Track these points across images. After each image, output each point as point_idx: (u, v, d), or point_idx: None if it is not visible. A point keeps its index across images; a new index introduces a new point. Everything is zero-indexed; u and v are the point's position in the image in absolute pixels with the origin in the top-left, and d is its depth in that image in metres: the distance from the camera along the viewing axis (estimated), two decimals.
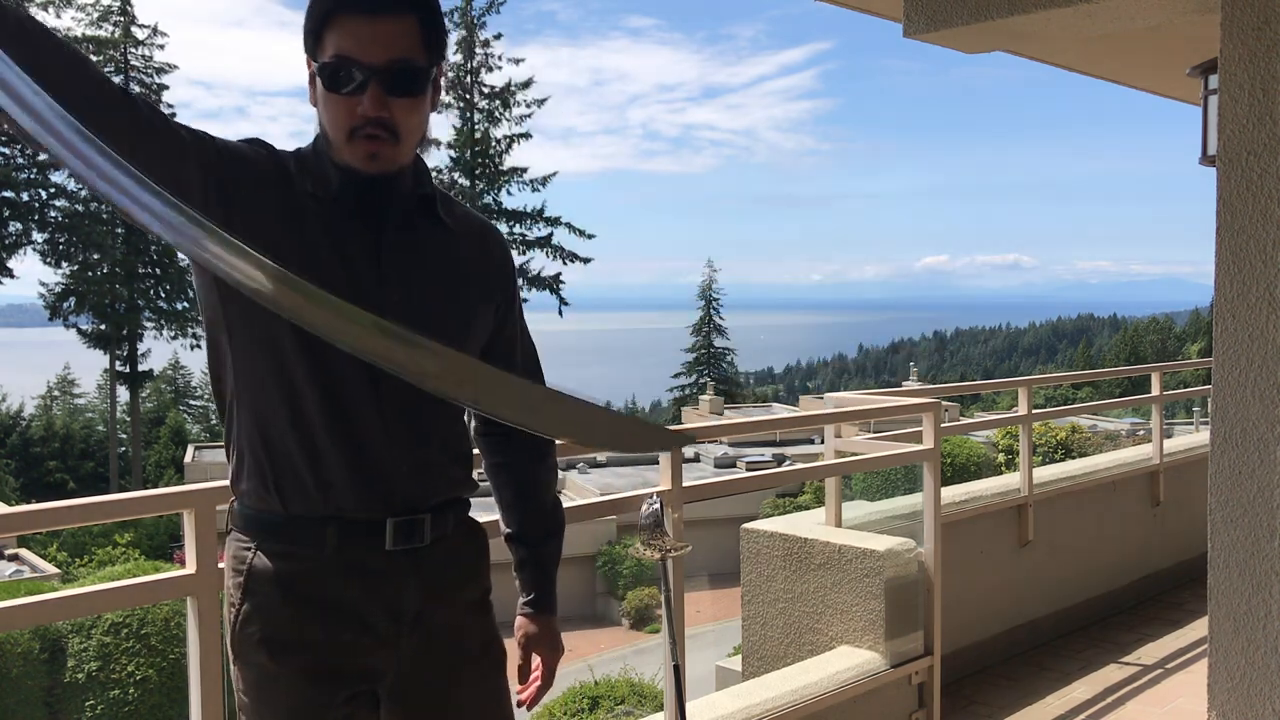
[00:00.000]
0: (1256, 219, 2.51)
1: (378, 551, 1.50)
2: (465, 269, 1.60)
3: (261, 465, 1.49)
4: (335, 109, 1.45)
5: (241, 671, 1.52)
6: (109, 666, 9.97)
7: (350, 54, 1.42)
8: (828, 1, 3.34)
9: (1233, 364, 2.56)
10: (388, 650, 1.52)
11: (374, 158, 1.46)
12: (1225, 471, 2.59)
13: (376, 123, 1.43)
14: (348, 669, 1.51)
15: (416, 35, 1.45)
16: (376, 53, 1.42)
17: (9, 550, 17.39)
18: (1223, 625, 2.61)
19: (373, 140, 1.45)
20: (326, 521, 1.49)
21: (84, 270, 34.69)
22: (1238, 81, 2.53)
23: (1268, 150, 2.49)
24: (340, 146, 1.47)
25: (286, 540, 1.50)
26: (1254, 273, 2.52)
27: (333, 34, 1.43)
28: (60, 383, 49.35)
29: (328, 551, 1.49)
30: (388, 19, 1.43)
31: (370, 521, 1.50)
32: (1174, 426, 21.93)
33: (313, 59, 1.47)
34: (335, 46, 1.43)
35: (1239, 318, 2.55)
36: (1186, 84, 3.68)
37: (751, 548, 4.16)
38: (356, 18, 1.42)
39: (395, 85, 1.44)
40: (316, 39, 1.45)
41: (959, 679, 4.42)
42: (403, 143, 1.47)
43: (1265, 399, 2.52)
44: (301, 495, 1.48)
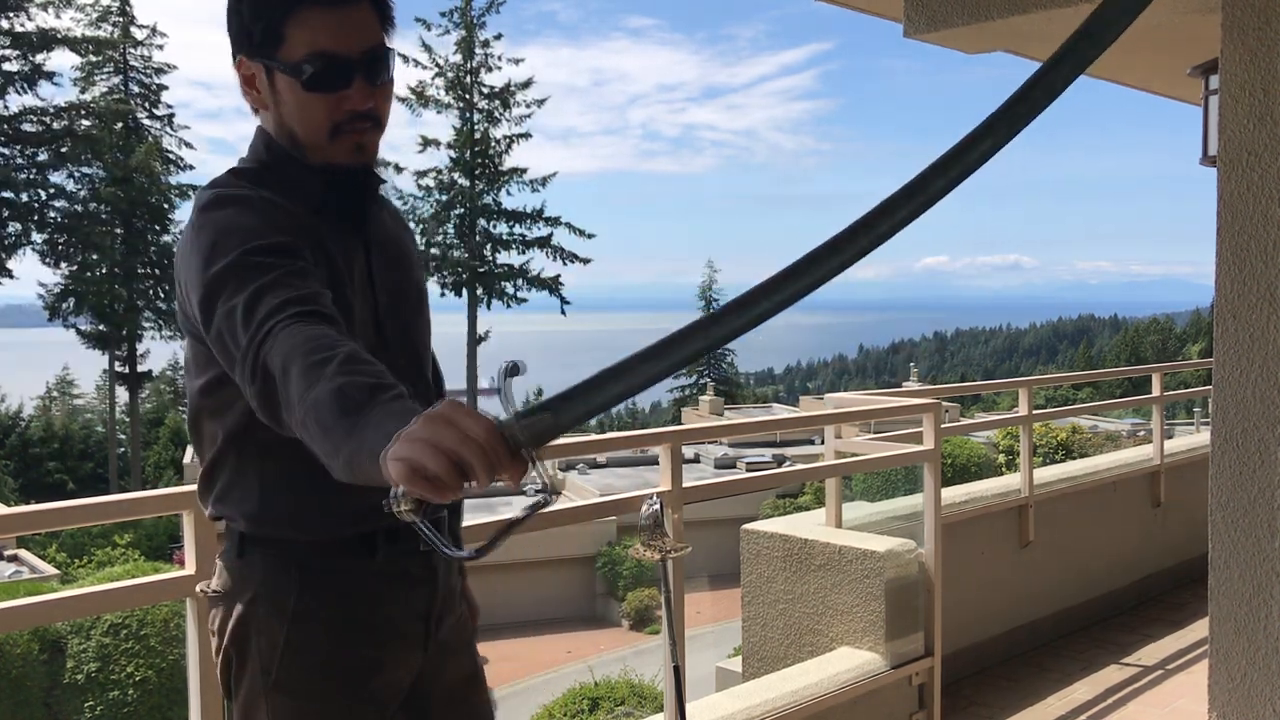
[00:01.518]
0: (1257, 219, 2.51)
1: (414, 555, 1.45)
2: (410, 246, 1.59)
3: (296, 495, 1.38)
4: (316, 108, 1.37)
5: (285, 705, 1.39)
6: (108, 667, 9.95)
7: (328, 48, 1.34)
8: (828, 2, 3.34)
9: (1233, 364, 2.56)
10: (420, 654, 1.49)
11: (360, 149, 1.41)
12: (1226, 472, 2.58)
13: (365, 114, 1.38)
14: (398, 682, 1.46)
15: (375, 15, 1.39)
16: (352, 43, 1.35)
17: (8, 551, 17.39)
18: (1223, 626, 2.61)
19: (359, 133, 1.39)
20: (375, 535, 1.42)
21: (83, 271, 34.65)
22: (1238, 81, 2.52)
23: (1268, 150, 2.48)
24: (321, 146, 1.39)
25: (335, 556, 1.41)
26: (1254, 273, 2.52)
27: (299, 29, 1.34)
28: (59, 383, 49.37)
29: (378, 560, 1.41)
30: (350, 5, 1.36)
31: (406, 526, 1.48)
32: (1175, 427, 21.93)
33: (267, 58, 1.37)
34: (308, 43, 1.34)
35: (1239, 318, 2.55)
36: (1186, 84, 3.68)
37: (752, 548, 4.16)
38: (323, 9, 1.34)
39: (376, 73, 1.39)
40: (275, 36, 1.35)
41: (959, 680, 4.42)
42: (383, 129, 1.43)
43: (1266, 399, 2.52)
44: (342, 517, 1.39)
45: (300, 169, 1.41)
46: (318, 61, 1.34)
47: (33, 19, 32.58)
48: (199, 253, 1.29)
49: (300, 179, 1.41)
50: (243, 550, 1.43)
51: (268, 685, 1.40)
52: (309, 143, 1.40)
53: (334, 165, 1.41)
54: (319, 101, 1.36)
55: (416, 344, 1.55)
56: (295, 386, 1.09)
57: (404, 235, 1.60)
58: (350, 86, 1.36)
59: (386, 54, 1.40)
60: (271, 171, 1.42)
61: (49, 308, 34.43)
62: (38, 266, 34.86)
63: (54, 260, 34.31)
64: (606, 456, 24.69)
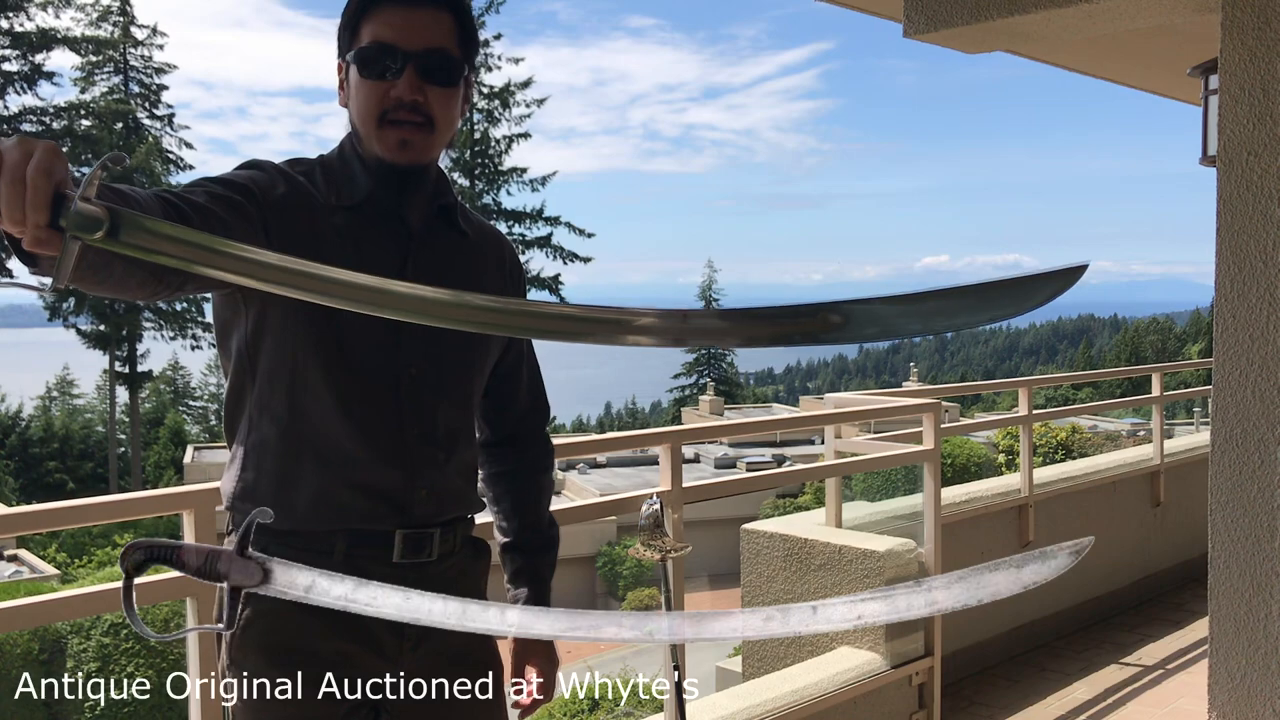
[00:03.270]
0: (1257, 219, 2.51)
1: (385, 564, 1.47)
2: (483, 279, 1.60)
3: (277, 481, 1.46)
4: (367, 94, 1.44)
5: (237, 683, 1.47)
6: (108, 667, 9.96)
7: (386, 39, 1.43)
8: (828, 2, 3.34)
9: (1233, 364, 2.56)
10: (391, 666, 1.50)
11: (405, 145, 1.45)
12: (1226, 472, 2.58)
13: (412, 107, 1.43)
14: (349, 682, 1.47)
15: (453, 29, 1.47)
16: (414, 39, 1.43)
17: (8, 551, 17.39)
18: (1223, 626, 2.61)
19: (404, 126, 1.44)
20: (335, 534, 1.46)
21: None
22: (1238, 81, 2.53)
23: (1268, 150, 2.49)
24: (370, 136, 1.46)
25: (295, 548, 1.45)
26: (1254, 273, 2.52)
27: (369, 24, 1.44)
28: (59, 383, 49.34)
29: (335, 559, 1.45)
30: (426, 9, 1.45)
31: (380, 533, 1.48)
32: (1174, 427, 21.93)
33: (346, 53, 1.47)
34: (372, 35, 1.44)
35: (1239, 318, 2.55)
36: (1186, 84, 3.68)
37: (752, 548, 4.16)
38: (395, 7, 1.44)
39: (432, 72, 1.44)
40: (353, 32, 1.46)
41: (959, 680, 4.42)
42: (437, 133, 1.47)
43: (1265, 399, 2.52)
44: (316, 510, 1.46)
45: (359, 165, 1.49)
46: (374, 48, 1.43)
47: (33, 19, 32.65)
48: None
49: (353, 174, 1.49)
50: (228, 529, 1.53)
51: (228, 662, 1.48)
52: (362, 131, 1.47)
53: (381, 161, 1.47)
54: (370, 87, 1.44)
55: (445, 359, 1.53)
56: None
57: (476, 263, 1.59)
58: (400, 76, 1.42)
59: (450, 61, 1.46)
60: (332, 165, 1.51)
61: (49, 307, 34.45)
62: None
63: None
64: (606, 456, 24.69)
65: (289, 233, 1.40)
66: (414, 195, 1.51)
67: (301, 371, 1.45)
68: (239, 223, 1.34)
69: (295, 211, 1.44)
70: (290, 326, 1.44)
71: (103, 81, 35.46)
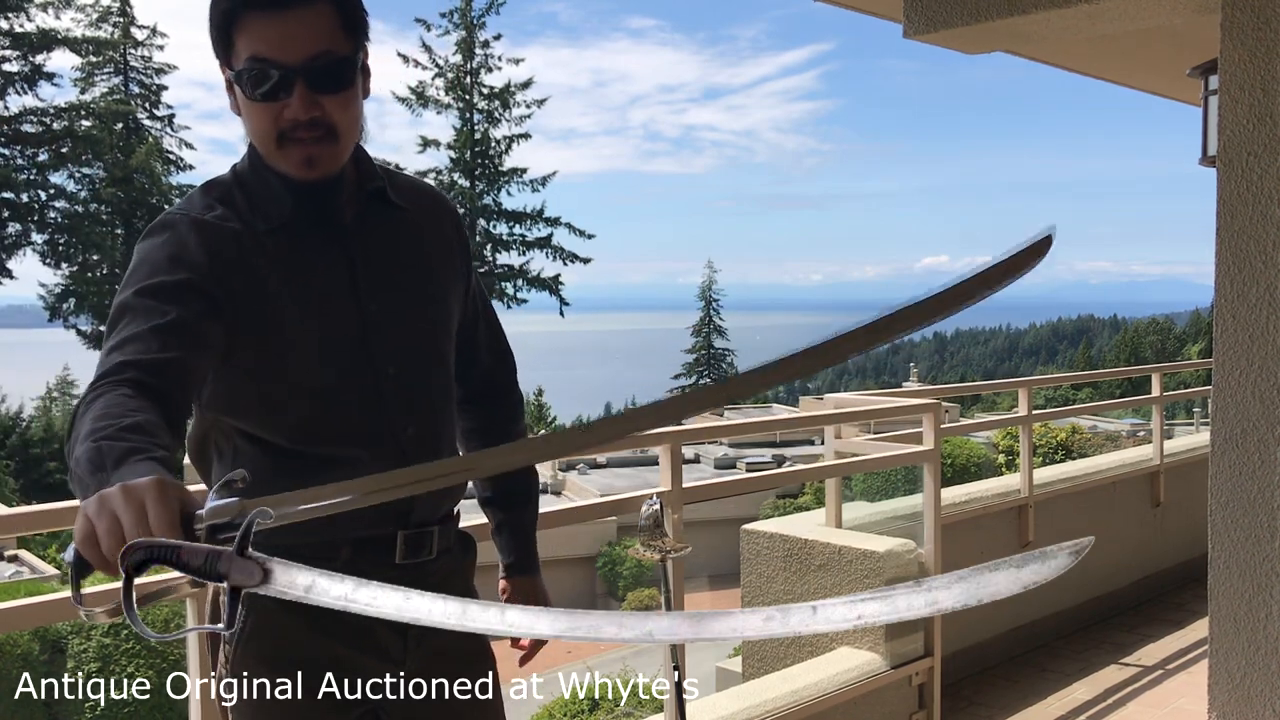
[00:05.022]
0: (1256, 219, 2.51)
1: (388, 566, 1.46)
2: (431, 253, 1.55)
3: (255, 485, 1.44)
4: (260, 116, 1.34)
5: (237, 684, 1.44)
6: (108, 668, 9.96)
7: (265, 54, 1.30)
8: (828, 2, 3.34)
9: (1233, 365, 2.56)
10: (392, 667, 1.49)
11: (311, 163, 1.36)
12: (1226, 472, 2.58)
13: (310, 124, 1.33)
14: (349, 683, 1.46)
15: (334, 21, 1.33)
16: (293, 50, 1.30)
17: (8, 551, 17.38)
18: (1223, 626, 2.61)
19: (306, 144, 1.34)
20: (339, 543, 1.44)
21: (83, 271, 34.66)
22: (1238, 82, 2.53)
23: (1268, 151, 2.49)
24: (271, 155, 1.37)
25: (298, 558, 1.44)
26: (1254, 273, 2.52)
27: (242, 36, 1.32)
28: (60, 384, 49.29)
29: (338, 565, 1.44)
30: (298, 10, 1.31)
31: (383, 537, 1.47)
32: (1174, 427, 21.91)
33: (226, 65, 1.35)
34: (249, 49, 1.31)
35: (1239, 318, 2.55)
36: (1186, 84, 3.68)
37: (752, 549, 4.16)
38: (264, 15, 1.30)
39: (322, 82, 1.33)
40: (227, 44, 1.33)
41: (959, 680, 4.42)
42: (342, 140, 1.37)
43: (1265, 399, 2.52)
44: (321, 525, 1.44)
45: (275, 179, 1.39)
46: (254, 68, 1.31)
47: (33, 19, 32.62)
48: (125, 278, 1.36)
49: (272, 192, 1.40)
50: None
51: (227, 671, 1.44)
52: (263, 151, 1.38)
53: (292, 178, 1.38)
54: (261, 110, 1.34)
55: (418, 349, 1.52)
56: (71, 443, 1.14)
57: (422, 235, 1.55)
58: (291, 94, 1.32)
59: (340, 63, 1.34)
60: (248, 182, 1.42)
61: (49, 308, 34.46)
62: (38, 267, 34.93)
63: (54, 260, 34.33)
64: (607, 457, 24.69)
65: (235, 291, 1.35)
66: (338, 196, 1.43)
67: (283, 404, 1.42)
68: (209, 344, 1.30)
69: (230, 266, 1.35)
70: (264, 368, 1.40)
71: (103, 82, 35.44)
